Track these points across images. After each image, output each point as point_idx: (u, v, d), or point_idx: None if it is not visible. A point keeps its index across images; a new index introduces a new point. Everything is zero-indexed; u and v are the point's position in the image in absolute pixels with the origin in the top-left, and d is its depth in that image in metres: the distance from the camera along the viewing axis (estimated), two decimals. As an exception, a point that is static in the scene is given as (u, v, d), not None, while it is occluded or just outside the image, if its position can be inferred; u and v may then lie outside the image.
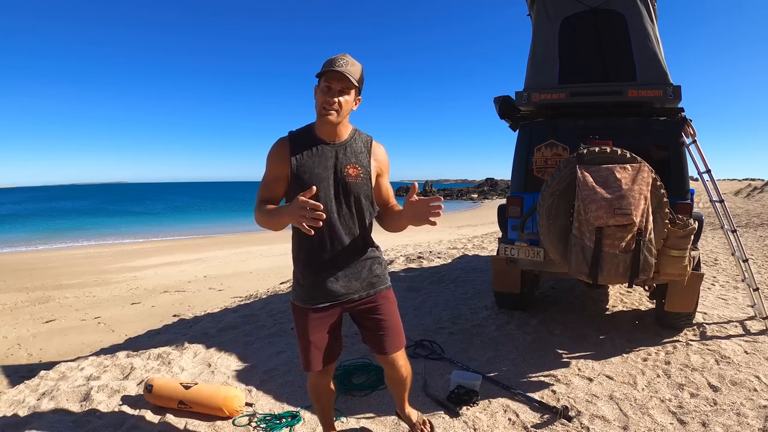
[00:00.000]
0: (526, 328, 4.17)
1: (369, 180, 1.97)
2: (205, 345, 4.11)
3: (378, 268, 2.08)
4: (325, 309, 2.02)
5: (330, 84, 1.80)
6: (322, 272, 1.96)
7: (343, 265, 1.97)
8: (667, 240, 3.15)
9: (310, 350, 2.03)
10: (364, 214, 1.99)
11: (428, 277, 6.48)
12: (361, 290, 2.03)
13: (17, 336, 6.47)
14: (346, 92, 1.82)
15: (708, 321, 4.17)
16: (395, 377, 2.24)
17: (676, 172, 3.67)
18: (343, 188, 1.91)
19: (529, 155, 4.08)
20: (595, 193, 2.98)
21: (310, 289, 1.99)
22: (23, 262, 13.49)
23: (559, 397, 2.92)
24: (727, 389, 2.92)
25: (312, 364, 2.05)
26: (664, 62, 3.76)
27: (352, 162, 1.92)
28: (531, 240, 3.85)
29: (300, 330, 2.06)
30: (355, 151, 1.95)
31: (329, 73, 1.78)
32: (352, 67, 1.81)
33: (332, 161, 1.91)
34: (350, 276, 1.99)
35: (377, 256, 2.10)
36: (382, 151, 2.05)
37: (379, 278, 2.08)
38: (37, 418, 2.95)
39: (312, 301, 2.00)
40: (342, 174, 1.90)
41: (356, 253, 2.00)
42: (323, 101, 1.81)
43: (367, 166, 1.96)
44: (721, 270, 6.63)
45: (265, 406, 2.96)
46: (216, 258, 13.57)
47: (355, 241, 1.98)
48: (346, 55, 1.83)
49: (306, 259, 1.97)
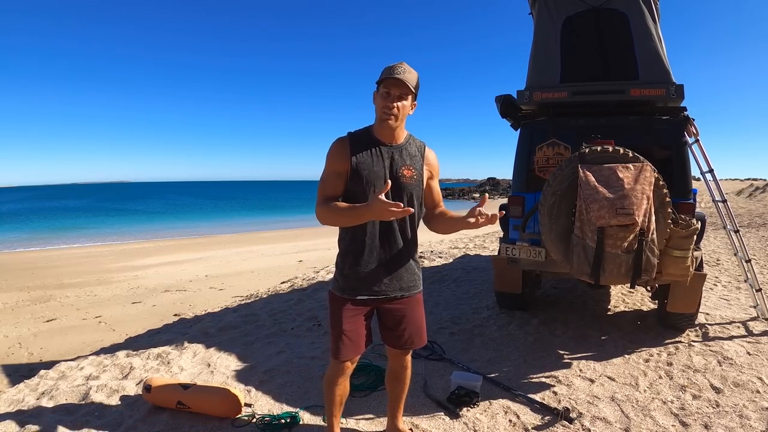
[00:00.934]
0: (527, 328, 4.15)
1: (421, 182, 2.08)
2: (205, 345, 4.09)
3: (417, 271, 2.18)
4: (363, 303, 2.08)
5: (389, 90, 1.90)
6: (370, 266, 2.03)
7: (390, 262, 2.05)
8: (670, 240, 3.13)
9: (342, 339, 2.07)
10: (414, 214, 2.06)
11: (429, 276, 6.46)
12: (398, 290, 2.11)
13: (18, 335, 6.45)
14: (404, 98, 1.93)
15: (710, 322, 4.15)
16: (400, 374, 2.32)
17: (678, 172, 3.64)
18: (397, 187, 2.00)
19: (531, 154, 4.05)
20: (597, 192, 2.96)
21: (354, 282, 2.05)
22: (25, 262, 13.48)
23: (560, 398, 2.91)
24: (730, 391, 2.90)
25: (341, 352, 2.08)
26: (667, 61, 3.73)
27: (407, 164, 2.03)
28: (532, 240, 3.82)
29: (335, 319, 2.11)
30: (410, 154, 2.05)
31: (389, 80, 1.89)
32: (409, 74, 1.91)
33: (389, 161, 2.01)
34: (394, 275, 2.08)
35: (417, 260, 2.19)
36: (433, 156, 2.16)
37: (416, 282, 2.18)
38: (36, 417, 2.93)
39: (353, 292, 2.07)
40: (397, 174, 2.00)
41: (403, 253, 2.08)
42: (383, 106, 1.92)
43: (420, 169, 2.07)
44: (723, 270, 6.60)
45: (265, 406, 2.94)
46: (217, 257, 13.55)
47: (404, 240, 2.07)
48: (404, 64, 1.93)
49: (357, 251, 2.03)
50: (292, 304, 5.45)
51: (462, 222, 1.93)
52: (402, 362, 2.29)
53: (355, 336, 2.09)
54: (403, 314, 2.15)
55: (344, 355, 2.08)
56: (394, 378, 2.35)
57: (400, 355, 2.27)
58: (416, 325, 2.19)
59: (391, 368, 2.35)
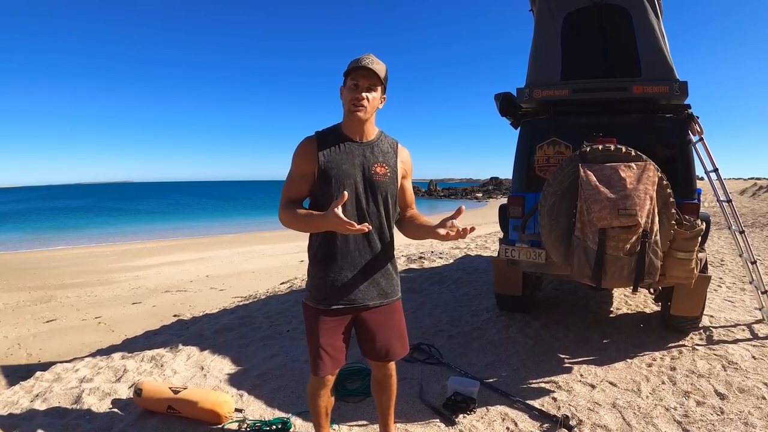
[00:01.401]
0: (527, 331, 4.06)
1: (396, 180, 1.96)
2: (200, 347, 4.04)
3: (395, 277, 2.06)
4: (339, 312, 1.96)
5: (357, 81, 1.81)
6: (344, 273, 1.91)
7: (366, 268, 1.93)
8: (674, 242, 3.04)
9: (320, 355, 1.95)
10: (390, 214, 1.97)
11: (429, 277, 6.39)
12: (376, 298, 1.98)
13: (17, 335, 6.43)
14: (373, 89, 1.84)
15: (715, 324, 4.05)
16: (385, 384, 2.19)
17: (682, 171, 3.55)
18: (370, 186, 1.90)
19: (531, 153, 3.97)
20: (598, 192, 2.88)
21: (327, 290, 1.93)
22: (27, 262, 13.51)
23: (559, 404, 2.82)
24: (735, 397, 2.81)
25: (321, 368, 1.97)
26: (670, 57, 3.64)
27: (379, 161, 1.92)
28: (532, 241, 3.75)
29: (311, 332, 1.99)
30: (382, 151, 1.95)
31: (356, 70, 1.80)
32: (377, 65, 1.82)
33: (360, 159, 1.90)
34: (371, 282, 1.96)
35: (395, 263, 2.07)
36: (407, 154, 2.05)
37: (394, 288, 2.05)
38: (28, 420, 2.91)
39: (327, 302, 1.94)
40: (370, 172, 1.89)
41: (380, 257, 1.96)
42: (351, 98, 1.82)
43: (394, 166, 1.96)
44: (727, 271, 6.49)
45: (256, 411, 2.88)
46: (219, 257, 13.54)
47: (379, 242, 1.95)
48: (371, 55, 1.85)
49: (327, 257, 1.92)
50: (289, 306, 5.39)
51: (432, 231, 1.82)
52: (385, 372, 2.15)
53: (333, 350, 1.97)
54: (381, 324, 2.02)
55: (324, 370, 1.97)
56: (380, 388, 2.22)
57: (383, 365, 2.13)
58: (396, 335, 2.06)
59: (375, 378, 2.21)
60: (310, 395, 2.12)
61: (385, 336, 2.02)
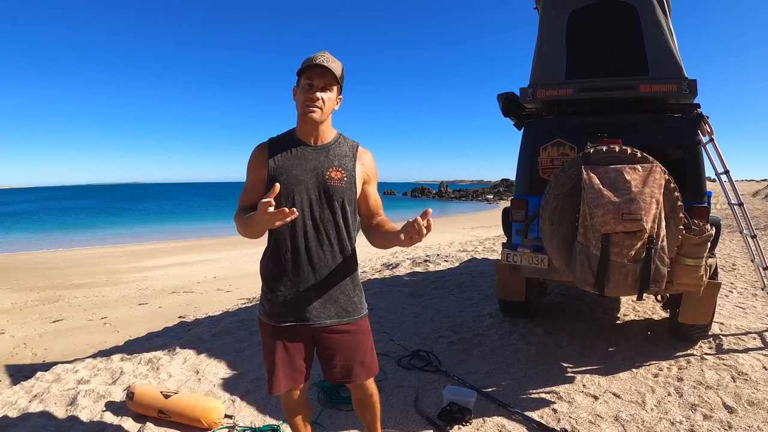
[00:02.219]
0: (530, 338, 3.96)
1: (354, 185, 1.82)
2: (197, 350, 4.00)
3: (357, 293, 1.90)
4: (293, 330, 1.84)
5: (312, 81, 1.70)
6: (296, 288, 1.78)
7: (319, 283, 1.79)
8: (682, 247, 2.92)
9: (275, 372, 1.85)
10: (348, 222, 1.83)
11: (433, 281, 6.29)
12: (335, 316, 1.83)
13: (24, 335, 6.48)
14: (329, 89, 1.73)
15: (725, 332, 3.91)
16: (364, 401, 2.05)
17: (692, 173, 3.42)
18: (325, 192, 1.76)
19: (535, 155, 3.88)
20: (601, 196, 2.77)
21: (280, 306, 1.81)
22: (37, 262, 13.66)
23: (559, 417, 2.71)
24: (744, 410, 2.68)
25: (274, 386, 1.86)
26: (679, 56, 3.51)
27: (335, 165, 1.79)
28: (535, 246, 3.64)
29: (266, 348, 1.89)
30: (339, 155, 1.81)
31: (310, 69, 1.68)
32: (333, 63, 1.71)
33: (313, 164, 1.78)
34: (325, 298, 1.81)
35: (356, 278, 1.91)
36: (369, 157, 1.91)
37: (356, 306, 1.89)
38: (23, 421, 2.92)
39: (280, 318, 1.82)
40: (324, 177, 1.76)
41: (338, 271, 1.82)
42: (305, 99, 1.71)
43: (351, 170, 1.82)
44: (739, 276, 6.30)
45: (247, 418, 2.82)
46: (227, 258, 13.56)
47: (336, 254, 1.81)
48: (326, 53, 1.73)
49: (278, 269, 1.80)
50: (290, 309, 5.34)
51: (396, 238, 1.68)
52: (364, 391, 2.00)
53: (289, 369, 1.85)
54: (340, 345, 1.86)
55: (278, 388, 1.85)
56: (361, 407, 2.08)
57: (360, 385, 1.96)
58: (359, 358, 1.89)
59: (355, 398, 2.07)
60: (284, 410, 2.04)
61: (344, 357, 1.87)
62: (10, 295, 8.88)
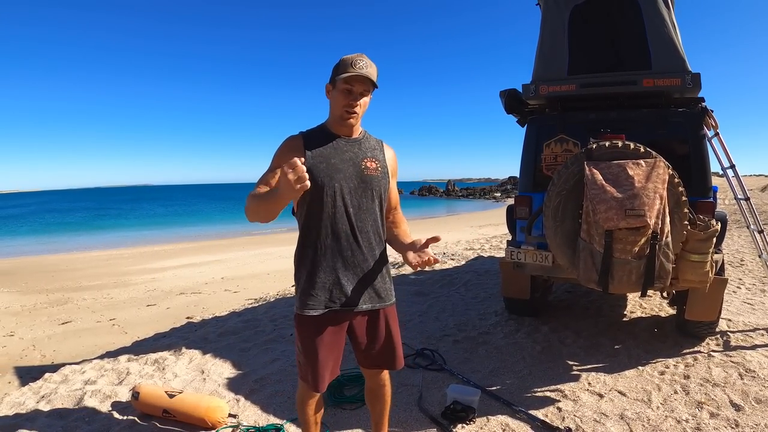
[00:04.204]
0: (535, 336, 3.93)
1: (387, 176, 1.90)
2: (202, 351, 4.03)
3: (389, 279, 1.97)
4: (336, 319, 1.85)
5: (351, 86, 1.73)
6: (335, 273, 1.81)
7: (358, 268, 1.83)
8: (687, 243, 2.89)
9: (319, 368, 1.84)
10: (383, 211, 1.90)
11: (439, 280, 6.28)
12: (369, 301, 1.88)
13: (33, 337, 6.54)
14: (366, 94, 1.78)
15: (732, 329, 3.86)
16: (378, 393, 2.10)
17: (696, 168, 3.38)
18: (362, 181, 1.82)
19: (538, 152, 3.85)
20: (604, 192, 2.75)
21: (319, 293, 1.80)
22: (46, 265, 13.78)
23: (564, 415, 2.69)
24: (751, 408, 2.64)
25: (320, 383, 1.86)
26: (682, 49, 3.47)
27: (368, 156, 1.85)
28: (539, 243, 3.62)
29: (306, 344, 1.85)
30: (369, 147, 1.89)
31: (352, 76, 1.71)
32: (371, 68, 1.74)
33: (349, 154, 1.82)
34: (364, 283, 1.85)
35: (388, 265, 1.97)
36: (392, 152, 1.99)
37: (388, 291, 1.95)
38: (30, 421, 2.96)
39: (322, 305, 1.82)
40: (360, 167, 1.82)
41: (374, 256, 1.87)
42: (345, 104, 1.75)
43: (383, 161, 1.89)
44: (747, 271, 6.21)
45: (251, 417, 2.83)
46: (235, 259, 13.61)
47: (374, 241, 1.87)
48: (364, 56, 1.75)
49: (319, 256, 1.80)
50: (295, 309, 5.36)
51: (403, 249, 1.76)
52: (379, 381, 2.07)
53: (332, 363, 1.88)
54: (376, 329, 1.92)
55: (323, 386, 1.87)
56: (373, 397, 2.12)
57: (376, 374, 2.05)
58: (392, 342, 1.96)
59: (368, 387, 2.12)
60: (300, 403, 2.03)
61: (380, 343, 1.93)
62: (19, 298, 8.97)
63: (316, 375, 1.85)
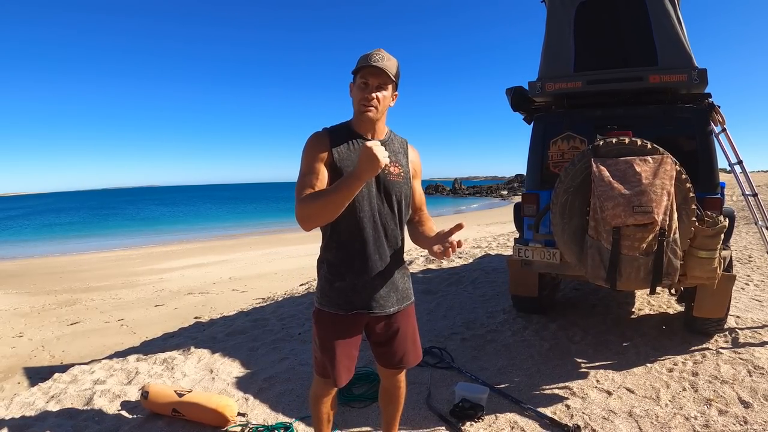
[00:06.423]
0: (543, 333, 3.93)
1: (409, 181, 1.89)
2: (211, 350, 4.05)
3: (409, 279, 2.00)
4: (358, 320, 1.87)
5: (367, 80, 1.73)
6: (366, 275, 1.82)
7: (384, 271, 1.85)
8: (695, 240, 2.87)
9: (339, 363, 1.85)
10: (403, 216, 1.90)
11: (446, 278, 6.28)
12: (396, 303, 1.90)
13: (42, 338, 6.60)
14: (384, 88, 1.75)
15: (741, 326, 3.84)
16: (393, 394, 2.12)
17: (704, 164, 3.36)
18: (384, 186, 1.81)
19: (545, 149, 3.85)
20: (611, 189, 2.73)
21: (348, 293, 1.82)
22: (54, 266, 13.89)
23: (573, 413, 2.69)
24: (760, 405, 2.63)
25: (341, 378, 1.86)
26: (688, 44, 3.45)
27: (392, 160, 1.83)
28: (547, 241, 3.61)
29: (326, 340, 1.86)
30: (394, 151, 1.87)
31: (366, 69, 1.71)
32: (388, 62, 1.73)
33: None
34: (389, 286, 1.87)
35: (406, 266, 1.99)
36: (416, 154, 1.98)
37: (409, 292, 1.98)
38: (40, 421, 2.98)
39: (349, 306, 1.83)
40: (384, 172, 1.80)
41: (395, 259, 1.89)
42: (361, 98, 1.74)
43: (406, 166, 1.89)
44: (755, 268, 6.17)
45: (260, 416, 2.85)
46: (243, 259, 13.66)
47: (395, 245, 1.88)
48: (381, 50, 1.75)
49: (347, 259, 1.81)
50: (302, 308, 5.37)
51: (428, 244, 1.71)
52: (395, 382, 2.07)
53: (350, 360, 1.89)
54: (397, 329, 1.92)
55: (344, 380, 1.88)
56: (387, 397, 2.13)
57: (394, 374, 2.05)
58: (411, 341, 1.98)
59: (384, 388, 2.12)
60: (314, 400, 2.05)
61: (401, 342, 1.95)
62: (28, 299, 9.05)
63: (333, 370, 1.86)
